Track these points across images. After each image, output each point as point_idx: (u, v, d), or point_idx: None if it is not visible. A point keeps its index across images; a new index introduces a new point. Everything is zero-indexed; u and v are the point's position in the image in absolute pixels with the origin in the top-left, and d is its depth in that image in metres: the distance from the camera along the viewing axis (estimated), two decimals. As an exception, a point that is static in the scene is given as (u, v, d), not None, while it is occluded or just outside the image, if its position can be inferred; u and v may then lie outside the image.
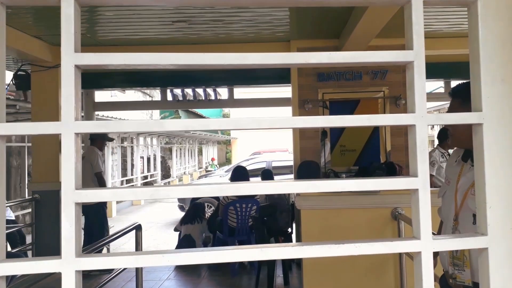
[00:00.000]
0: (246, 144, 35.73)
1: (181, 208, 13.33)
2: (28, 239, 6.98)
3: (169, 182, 23.20)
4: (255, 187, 0.91)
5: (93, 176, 6.74)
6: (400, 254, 4.15)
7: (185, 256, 0.87)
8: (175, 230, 7.32)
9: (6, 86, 6.38)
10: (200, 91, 7.80)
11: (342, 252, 0.87)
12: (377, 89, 6.57)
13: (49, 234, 6.50)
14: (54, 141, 6.51)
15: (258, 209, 5.97)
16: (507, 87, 0.91)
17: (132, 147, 19.31)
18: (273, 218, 5.28)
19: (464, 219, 1.90)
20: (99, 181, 6.66)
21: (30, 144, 10.03)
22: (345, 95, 6.57)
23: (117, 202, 16.63)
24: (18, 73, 6.50)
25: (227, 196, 6.06)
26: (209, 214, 11.08)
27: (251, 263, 6.24)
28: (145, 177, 20.84)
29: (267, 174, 7.24)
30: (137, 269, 4.50)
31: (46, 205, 6.52)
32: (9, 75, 7.00)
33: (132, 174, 18.93)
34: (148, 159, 21.27)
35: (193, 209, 7.21)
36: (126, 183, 18.67)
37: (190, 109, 39.59)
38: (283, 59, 0.89)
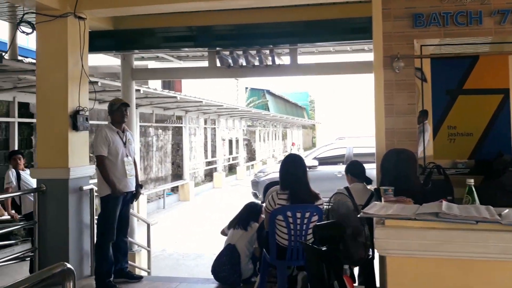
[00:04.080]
0: (331, 128, 32.85)
1: (255, 196, 11.11)
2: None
3: (252, 165, 21.23)
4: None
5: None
6: None
7: None
8: (222, 233, 5.04)
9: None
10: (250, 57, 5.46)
11: None
12: (507, 39, 3.79)
13: (56, 234, 4.60)
14: (63, 116, 4.55)
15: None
16: None
17: (214, 129, 17.53)
18: (339, 247, 2.83)
19: None
20: (98, 168, 4.45)
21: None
22: (455, 48, 3.86)
23: (196, 185, 14.94)
24: (21, 25, 4.59)
25: (273, 200, 3.69)
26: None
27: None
28: (228, 160, 19.03)
29: (356, 168, 4.34)
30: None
31: (53, 198, 4.61)
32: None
33: (213, 156, 17.16)
34: (230, 141, 19.41)
35: (246, 211, 4.80)
36: (207, 166, 16.95)
37: (276, 93, 37.50)
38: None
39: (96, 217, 4.76)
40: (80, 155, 4.74)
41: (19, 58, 5.93)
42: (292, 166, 3.73)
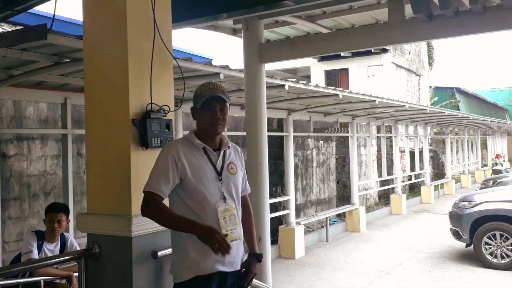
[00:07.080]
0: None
1: (456, 234, 8.24)
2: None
3: (442, 184, 17.65)
4: None
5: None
6: None
7: None
8: None
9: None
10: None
11: None
12: None
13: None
14: (121, 121, 2.70)
15: None
16: None
17: (390, 138, 14.76)
18: None
19: None
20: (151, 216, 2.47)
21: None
22: None
23: (367, 210, 12.45)
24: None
25: None
26: None
27: None
28: (409, 178, 15.97)
29: None
30: None
31: (109, 268, 2.77)
32: None
33: (389, 173, 14.37)
34: (412, 153, 16.28)
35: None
36: (381, 185, 14.22)
37: (469, 91, 32.32)
38: None
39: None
40: (154, 193, 2.81)
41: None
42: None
